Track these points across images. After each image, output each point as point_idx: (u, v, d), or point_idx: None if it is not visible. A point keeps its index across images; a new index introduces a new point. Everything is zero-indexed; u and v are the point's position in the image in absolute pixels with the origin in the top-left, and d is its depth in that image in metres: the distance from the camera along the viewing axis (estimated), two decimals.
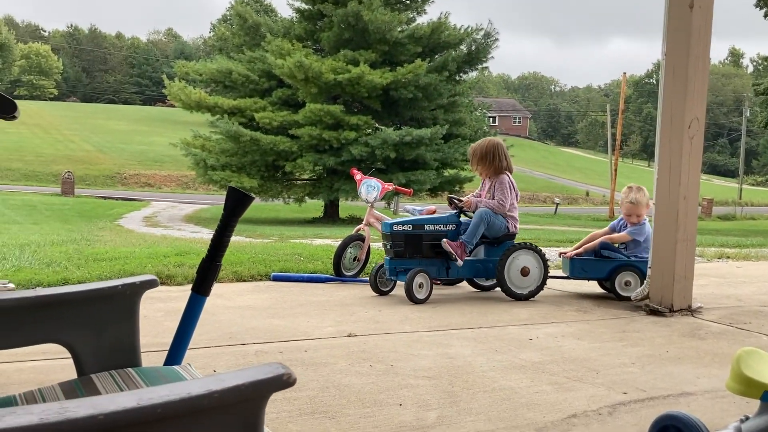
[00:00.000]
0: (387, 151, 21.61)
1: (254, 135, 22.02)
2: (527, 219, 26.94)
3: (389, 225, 5.26)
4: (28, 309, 1.39)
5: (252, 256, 6.90)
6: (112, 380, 1.37)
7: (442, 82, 23.54)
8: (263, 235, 12.34)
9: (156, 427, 0.86)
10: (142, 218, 20.40)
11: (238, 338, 3.87)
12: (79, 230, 12.33)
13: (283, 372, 0.93)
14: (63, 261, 6.32)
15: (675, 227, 4.83)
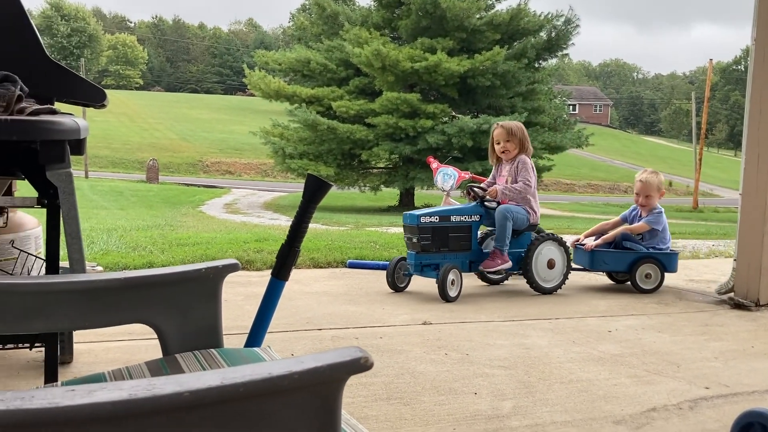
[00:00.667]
0: (464, 140, 21.48)
1: (331, 124, 22.21)
2: (608, 209, 26.40)
3: (416, 216, 4.80)
4: (117, 290, 1.45)
5: (328, 243, 6.98)
6: (196, 360, 1.42)
7: (520, 70, 23.22)
8: (339, 223, 12.47)
9: (238, 405, 0.89)
10: (223, 205, 20.87)
11: (315, 323, 3.93)
12: (163, 216, 12.72)
13: (360, 355, 0.94)
14: (148, 245, 6.53)
15: (762, 219, 4.65)
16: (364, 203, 26.01)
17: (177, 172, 39.81)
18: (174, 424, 0.86)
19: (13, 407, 0.76)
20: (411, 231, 4.83)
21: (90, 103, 2.43)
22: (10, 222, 2.69)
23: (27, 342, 2.62)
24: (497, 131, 5.08)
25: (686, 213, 27.11)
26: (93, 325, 1.52)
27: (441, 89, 23.28)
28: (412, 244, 4.85)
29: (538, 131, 23.10)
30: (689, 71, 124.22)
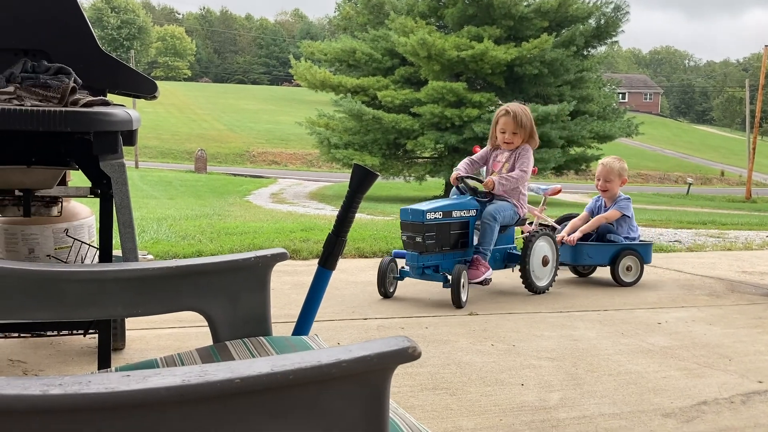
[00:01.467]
0: None
1: (376, 113, 22.22)
2: (657, 200, 25.98)
3: (421, 212, 4.20)
4: (168, 278, 1.48)
5: (373, 233, 7.00)
6: (245, 347, 1.44)
7: (568, 58, 22.91)
8: (384, 213, 12.50)
9: (287, 392, 0.90)
10: (270, 195, 21.07)
11: (361, 313, 3.95)
12: (211, 205, 12.89)
13: (408, 345, 0.95)
14: (197, 234, 6.63)
15: None
16: (409, 193, 25.98)
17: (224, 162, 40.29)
18: (225, 410, 0.87)
19: (71, 392, 0.78)
20: (415, 229, 4.21)
21: (142, 94, 2.47)
22: (65, 211, 2.76)
23: (81, 329, 2.68)
24: (504, 119, 4.50)
25: (739, 203, 26.52)
26: (145, 313, 1.55)
27: (487, 78, 23.12)
28: (414, 243, 4.22)
29: (586, 120, 22.81)
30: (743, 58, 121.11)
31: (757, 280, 5.31)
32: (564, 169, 23.66)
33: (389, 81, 23.97)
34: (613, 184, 5.23)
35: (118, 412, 0.82)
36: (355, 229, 7.34)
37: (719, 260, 6.38)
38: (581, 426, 2.39)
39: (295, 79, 28.16)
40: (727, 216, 14.65)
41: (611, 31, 24.34)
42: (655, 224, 10.29)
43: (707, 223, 10.82)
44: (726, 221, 11.60)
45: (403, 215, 4.31)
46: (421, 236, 4.18)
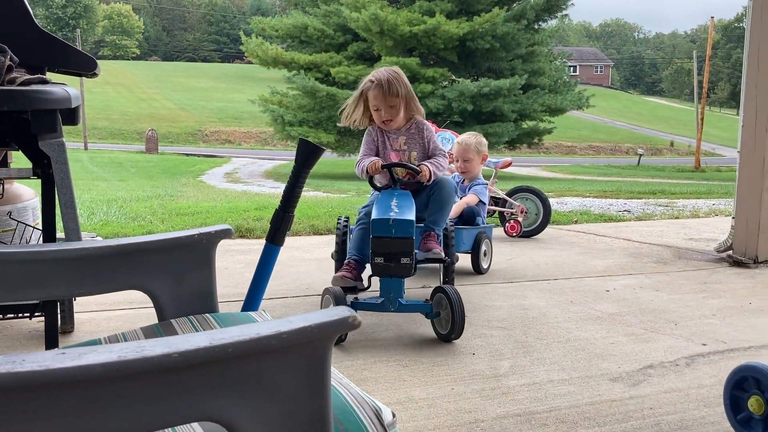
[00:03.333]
0: (464, 104, 21.39)
1: (330, 90, 22.12)
2: (609, 171, 26.36)
3: (410, 223, 3.02)
4: (110, 257, 1.46)
5: (329, 210, 6.99)
6: (190, 324, 1.44)
7: (520, 32, 23.05)
8: (341, 190, 12.48)
9: (227, 365, 0.90)
10: (223, 174, 20.86)
11: (315, 289, 3.95)
12: (163, 186, 12.73)
13: (348, 314, 0.95)
14: (148, 215, 6.55)
15: (761, 176, 4.65)
16: None
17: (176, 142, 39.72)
18: (164, 385, 0.87)
19: (4, 370, 0.77)
20: (402, 246, 3.00)
21: (81, 72, 2.42)
22: (7, 193, 2.70)
23: (27, 311, 2.64)
24: (374, 94, 3.34)
25: (688, 173, 27.07)
26: (88, 293, 1.53)
27: (440, 53, 23.15)
28: (399, 267, 3.01)
29: (538, 93, 23.00)
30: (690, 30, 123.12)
31: (703, 247, 5.44)
32: (517, 142, 23.89)
33: (342, 57, 23.85)
34: (472, 163, 4.72)
35: (53, 390, 0.81)
36: (311, 207, 7.33)
37: (667, 228, 6.52)
38: (531, 392, 2.44)
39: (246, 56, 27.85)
40: (676, 185, 14.96)
41: (561, 5, 24.52)
42: (606, 195, 10.46)
43: (657, 193, 11.04)
44: (675, 191, 11.85)
45: (379, 229, 2.99)
46: (410, 256, 3.00)
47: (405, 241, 2.98)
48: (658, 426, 2.18)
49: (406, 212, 3.06)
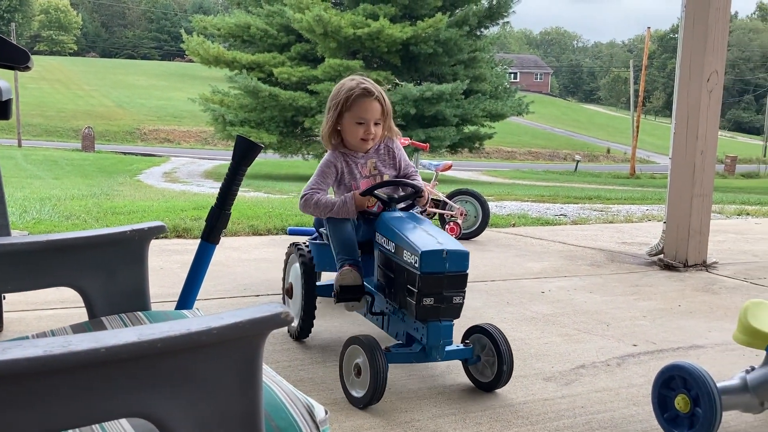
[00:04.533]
0: (407, 107, 21.49)
1: (273, 90, 21.96)
2: (547, 176, 26.82)
3: (466, 255, 2.50)
4: (40, 253, 1.43)
5: (269, 211, 6.95)
6: (121, 322, 1.41)
7: (462, 38, 23.26)
8: (282, 191, 12.40)
9: (156, 361, 0.89)
10: (162, 174, 20.52)
11: (253, 289, 3.92)
12: (99, 185, 12.46)
13: (280, 311, 0.95)
14: (82, 214, 6.40)
15: (691, 182, 4.80)
16: (308, 171, 25.79)
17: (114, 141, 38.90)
18: (92, 380, 0.86)
19: None
20: (459, 283, 2.45)
21: (13, 64, 2.35)
22: None
23: None
24: (361, 101, 2.75)
25: (623, 179, 27.72)
26: (17, 289, 1.50)
27: (384, 56, 23.21)
28: (454, 307, 2.45)
29: (479, 99, 23.25)
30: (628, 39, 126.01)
31: (635, 251, 5.58)
32: (458, 146, 24.10)
33: (285, 57, 23.70)
34: None
35: None
36: (250, 207, 7.27)
37: (601, 232, 6.67)
38: (466, 392, 2.47)
39: (187, 55, 27.43)
40: (611, 191, 15.30)
41: (503, 12, 24.83)
42: (544, 200, 10.64)
43: (592, 198, 11.27)
44: (610, 196, 12.12)
45: (431, 264, 2.36)
46: (463, 293, 2.47)
47: (460, 277, 2.43)
48: (589, 424, 2.23)
49: (452, 240, 2.47)
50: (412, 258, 2.37)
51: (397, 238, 2.50)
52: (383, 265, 2.63)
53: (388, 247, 2.55)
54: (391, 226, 2.58)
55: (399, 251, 2.47)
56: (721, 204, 10.06)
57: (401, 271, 2.45)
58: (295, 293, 3.07)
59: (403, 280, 2.43)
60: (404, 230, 2.52)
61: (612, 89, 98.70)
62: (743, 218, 8.58)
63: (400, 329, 2.58)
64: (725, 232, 6.89)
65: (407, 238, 2.45)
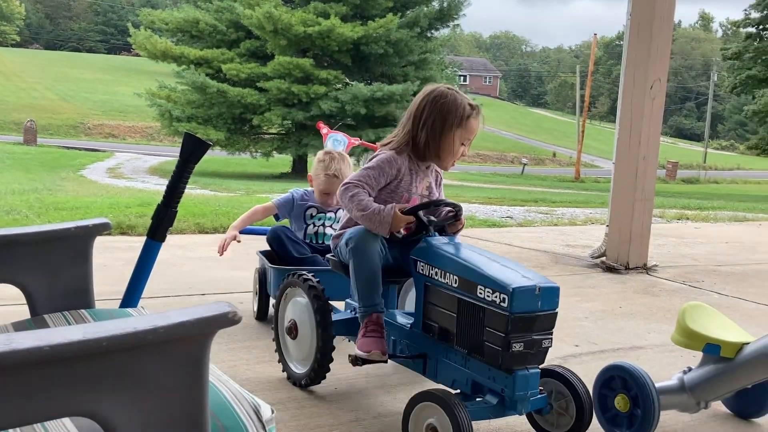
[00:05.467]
0: (357, 107, 21.50)
1: (221, 87, 21.75)
2: (495, 179, 27.11)
3: (557, 291, 2.11)
4: None
5: (216, 209, 6.88)
6: (64, 320, 1.39)
7: (413, 39, 23.37)
8: (229, 189, 12.29)
9: (101, 359, 0.88)
10: (106, 169, 20.14)
11: (199, 288, 3.89)
12: (41, 180, 12.16)
13: (228, 310, 0.95)
14: (23, 209, 6.25)
15: (633, 187, 4.91)
16: (255, 169, 25.67)
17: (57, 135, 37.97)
18: (35, 379, 0.84)
19: None
20: (547, 323, 2.09)
21: None
22: None
23: None
24: (476, 122, 2.47)
25: (569, 183, 28.18)
26: None
27: (334, 55, 23.17)
28: (542, 352, 2.10)
29: None
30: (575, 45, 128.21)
31: (579, 253, 5.68)
32: None
33: (234, 54, 23.49)
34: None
35: None
36: (196, 205, 7.19)
37: (546, 235, 6.78)
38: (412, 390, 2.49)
39: (134, 49, 27.00)
40: (556, 194, 15.55)
41: (453, 14, 25.02)
42: (491, 202, 10.76)
43: (538, 201, 11.45)
44: (556, 199, 12.32)
45: (523, 303, 1.99)
46: (552, 335, 2.12)
47: (551, 317, 2.07)
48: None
49: (536, 274, 2.11)
50: (497, 296, 1.97)
51: (465, 270, 2.09)
52: (435, 301, 2.21)
53: (446, 280, 2.14)
54: (449, 255, 2.18)
55: (469, 286, 2.06)
56: (662, 208, 10.31)
57: (475, 311, 2.05)
58: (301, 334, 2.50)
59: (479, 322, 2.04)
60: (473, 261, 2.12)
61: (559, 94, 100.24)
62: (683, 222, 8.80)
63: (460, 376, 2.15)
64: (665, 235, 7.06)
65: (484, 271, 2.05)
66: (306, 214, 3.41)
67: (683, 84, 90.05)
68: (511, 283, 1.97)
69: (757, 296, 4.39)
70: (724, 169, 47.18)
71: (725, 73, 41.58)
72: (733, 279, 4.96)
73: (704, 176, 38.79)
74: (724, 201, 16.16)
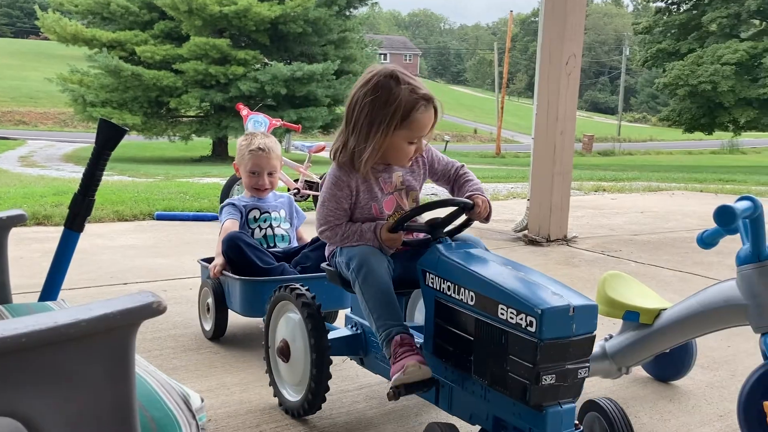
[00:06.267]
0: (277, 87, 21.28)
1: (136, 70, 21.18)
2: None
3: (595, 308, 1.71)
4: None
5: (134, 195, 6.72)
6: None
7: (331, 17, 23.22)
8: (147, 175, 12.01)
9: (21, 356, 0.86)
10: (18, 158, 19.41)
11: (120, 278, 3.80)
12: None
13: (153, 300, 0.93)
14: None
15: (552, 161, 5.02)
16: (174, 154, 25.15)
17: None
18: None
19: None
20: (583, 349, 1.69)
21: None
22: None
23: None
24: (428, 117, 2.06)
25: (490, 159, 28.62)
26: None
27: (252, 35, 22.81)
28: (576, 384, 1.70)
29: (350, 79, 23.30)
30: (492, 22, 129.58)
31: (502, 227, 5.79)
32: (330, 127, 24.09)
33: (148, 35, 22.87)
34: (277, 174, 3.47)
35: None
36: (114, 192, 7.01)
37: None
38: (343, 371, 2.50)
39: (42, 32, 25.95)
40: (479, 170, 15.76)
41: None
42: None
43: None
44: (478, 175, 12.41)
45: (555, 327, 1.62)
46: (588, 363, 1.72)
47: (587, 341, 1.67)
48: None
49: (568, 288, 1.71)
50: (523, 318, 1.61)
51: (482, 285, 1.74)
52: (448, 320, 1.85)
53: (460, 296, 1.79)
54: (462, 266, 1.82)
55: (488, 305, 1.71)
56: (579, 181, 10.59)
57: (496, 335, 1.69)
58: (294, 356, 2.17)
59: (501, 348, 1.67)
60: (492, 274, 1.76)
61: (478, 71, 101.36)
62: (600, 194, 9.06)
63: (480, 410, 1.80)
64: (584, 207, 7.26)
65: (506, 287, 1.69)
66: (248, 218, 3.05)
67: (597, 59, 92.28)
68: (539, 302, 1.60)
69: (671, 263, 4.57)
70: (637, 141, 48.74)
71: (637, 48, 42.78)
72: (648, 247, 5.14)
73: (619, 148, 39.99)
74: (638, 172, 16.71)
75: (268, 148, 3.07)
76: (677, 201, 8.34)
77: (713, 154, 39.21)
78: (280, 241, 3.05)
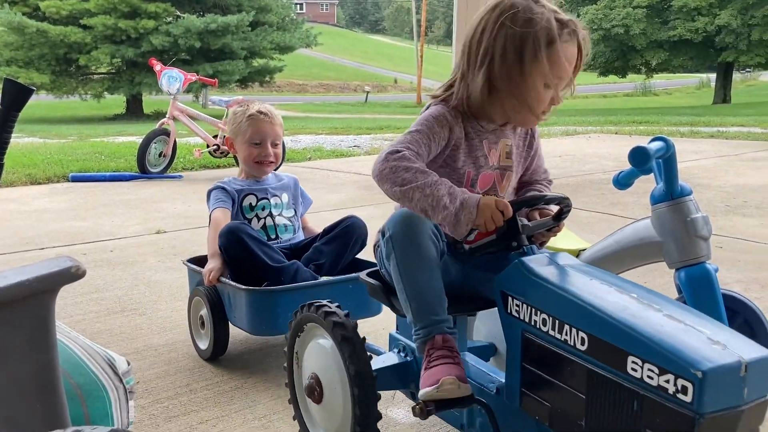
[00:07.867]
0: (191, 41, 20.65)
1: (41, 26, 20.21)
2: (340, 108, 27.13)
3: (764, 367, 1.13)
4: None
5: (47, 158, 6.49)
6: None
7: None
8: (60, 135, 11.59)
9: None
10: None
11: (36, 243, 3.68)
12: None
13: (71, 264, 0.91)
14: None
15: None
16: (87, 112, 24.27)
17: None
18: None
19: None
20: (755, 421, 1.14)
21: None
22: None
23: None
24: (570, 47, 1.56)
25: (411, 108, 28.65)
26: None
27: None
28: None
29: (267, 31, 22.83)
30: None
31: None
32: (248, 81, 23.62)
33: None
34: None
35: None
36: (25, 155, 6.75)
37: None
38: None
39: None
40: (401, 121, 15.77)
41: None
42: (337, 132, 10.77)
43: (383, 128, 11.58)
44: (400, 125, 12.50)
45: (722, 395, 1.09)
46: None
47: (761, 408, 1.13)
48: None
49: (732, 332, 1.21)
50: (671, 381, 1.10)
51: (601, 325, 1.22)
52: (543, 366, 1.35)
53: (563, 336, 1.28)
54: (567, 293, 1.31)
55: (611, 355, 1.20)
56: None
57: (623, 398, 1.18)
58: (328, 397, 1.63)
59: (631, 417, 1.16)
60: (614, 308, 1.24)
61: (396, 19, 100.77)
62: None
63: None
64: None
65: (639, 330, 1.17)
66: (243, 205, 2.49)
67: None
68: (696, 359, 1.09)
69: (589, 204, 4.70)
70: None
71: None
72: (567, 190, 5.26)
73: None
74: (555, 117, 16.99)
75: (270, 113, 2.57)
76: (593, 144, 8.55)
77: (627, 97, 40.23)
78: (282, 232, 2.51)
